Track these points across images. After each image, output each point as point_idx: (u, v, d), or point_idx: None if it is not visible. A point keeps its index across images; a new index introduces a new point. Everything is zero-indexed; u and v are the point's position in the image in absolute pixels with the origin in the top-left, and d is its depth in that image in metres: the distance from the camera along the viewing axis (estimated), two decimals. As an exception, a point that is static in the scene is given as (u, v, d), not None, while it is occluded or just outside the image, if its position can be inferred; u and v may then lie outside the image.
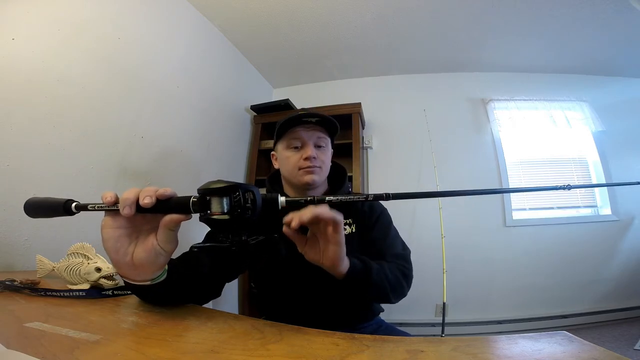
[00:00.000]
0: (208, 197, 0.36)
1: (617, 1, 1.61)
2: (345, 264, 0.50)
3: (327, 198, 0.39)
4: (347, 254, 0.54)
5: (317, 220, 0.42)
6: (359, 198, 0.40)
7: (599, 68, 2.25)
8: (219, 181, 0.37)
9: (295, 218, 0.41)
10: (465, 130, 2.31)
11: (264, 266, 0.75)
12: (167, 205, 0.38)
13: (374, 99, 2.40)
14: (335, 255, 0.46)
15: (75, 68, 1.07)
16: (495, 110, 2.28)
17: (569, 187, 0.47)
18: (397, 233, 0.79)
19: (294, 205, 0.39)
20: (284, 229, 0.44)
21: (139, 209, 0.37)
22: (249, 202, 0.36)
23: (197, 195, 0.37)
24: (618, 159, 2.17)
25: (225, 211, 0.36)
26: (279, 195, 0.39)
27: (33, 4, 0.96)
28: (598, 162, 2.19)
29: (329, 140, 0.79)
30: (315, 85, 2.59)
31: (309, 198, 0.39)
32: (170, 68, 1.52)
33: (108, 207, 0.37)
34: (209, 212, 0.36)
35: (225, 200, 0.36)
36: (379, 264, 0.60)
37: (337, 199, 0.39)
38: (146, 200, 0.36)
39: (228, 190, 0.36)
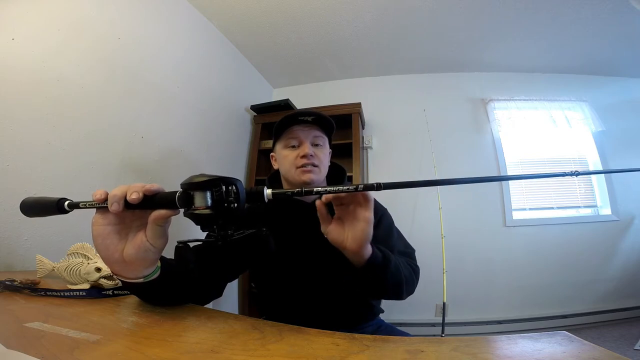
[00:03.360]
0: (191, 192, 0.36)
1: (617, 1, 1.61)
2: (368, 250, 0.49)
3: (315, 189, 0.39)
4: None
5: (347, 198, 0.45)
6: (348, 188, 0.40)
7: (599, 68, 2.25)
8: (201, 175, 0.36)
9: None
10: (465, 130, 2.31)
11: (256, 262, 0.75)
12: (155, 201, 0.38)
13: (374, 99, 2.40)
14: (363, 235, 0.45)
15: (75, 68, 1.07)
16: (495, 110, 2.28)
17: (577, 174, 0.46)
18: (400, 233, 0.80)
19: (281, 197, 0.39)
20: (317, 202, 0.47)
21: (128, 205, 0.37)
22: (232, 195, 0.36)
23: (181, 190, 0.37)
24: (618, 159, 2.17)
25: (209, 205, 0.36)
26: (265, 187, 0.38)
27: (33, 4, 0.96)
28: (598, 162, 2.19)
29: (326, 139, 0.79)
30: (315, 85, 2.59)
31: (296, 190, 0.39)
32: (170, 68, 1.52)
33: (98, 204, 0.38)
34: (193, 206, 0.36)
35: (208, 194, 0.36)
36: (394, 256, 0.60)
37: (326, 190, 0.39)
38: (133, 196, 0.36)
39: (210, 183, 0.36)
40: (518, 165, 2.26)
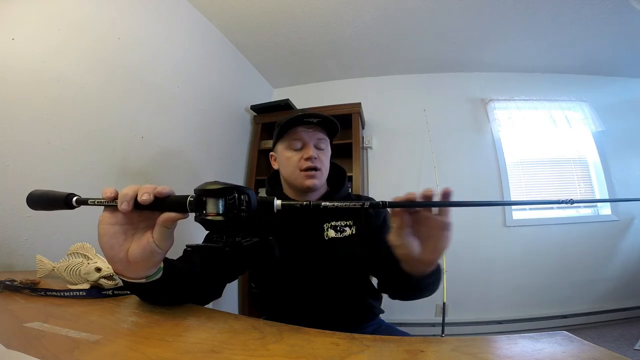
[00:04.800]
0: (204, 198, 0.37)
1: (617, 1, 1.60)
2: None
3: (322, 203, 0.39)
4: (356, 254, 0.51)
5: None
6: (355, 205, 0.40)
7: (599, 68, 2.25)
8: (215, 182, 0.37)
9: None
10: (465, 130, 2.30)
11: (260, 267, 0.75)
12: (164, 203, 0.38)
13: (374, 99, 2.40)
14: (447, 244, 0.44)
15: (75, 68, 1.07)
16: (495, 110, 2.28)
17: (571, 202, 0.44)
18: None
19: (290, 209, 0.39)
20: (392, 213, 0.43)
21: (137, 205, 0.37)
22: (244, 204, 0.37)
23: (194, 195, 0.38)
24: (618, 159, 2.17)
25: (220, 212, 0.36)
26: (275, 198, 0.39)
27: (33, 4, 0.96)
28: (598, 162, 2.19)
29: (328, 141, 0.79)
30: (315, 85, 2.59)
31: (304, 203, 0.39)
32: (170, 68, 1.52)
33: (107, 202, 0.38)
34: (204, 212, 0.37)
35: (220, 202, 0.37)
36: None
37: (333, 205, 0.39)
38: (144, 197, 0.37)
39: (224, 192, 0.37)
40: (518, 165, 2.26)
